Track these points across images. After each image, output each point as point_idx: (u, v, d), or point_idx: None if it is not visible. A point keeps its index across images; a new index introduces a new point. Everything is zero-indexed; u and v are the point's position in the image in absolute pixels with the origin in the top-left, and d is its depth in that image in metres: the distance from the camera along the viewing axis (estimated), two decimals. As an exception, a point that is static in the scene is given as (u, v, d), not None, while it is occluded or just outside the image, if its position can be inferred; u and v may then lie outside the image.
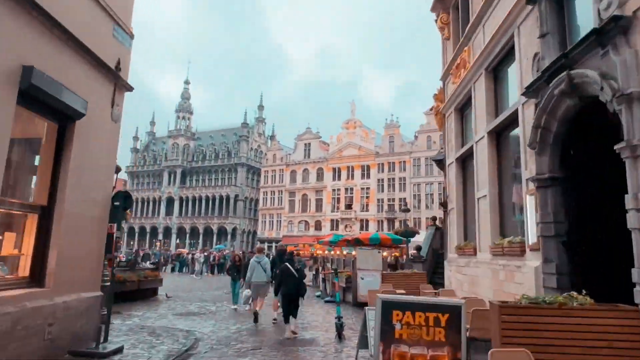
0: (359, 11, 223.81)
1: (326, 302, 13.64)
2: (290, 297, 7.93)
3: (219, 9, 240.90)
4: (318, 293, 16.02)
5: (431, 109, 11.25)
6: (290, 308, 7.90)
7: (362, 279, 11.97)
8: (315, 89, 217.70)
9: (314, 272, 21.23)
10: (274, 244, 57.70)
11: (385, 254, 12.37)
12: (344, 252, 15.05)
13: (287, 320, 7.91)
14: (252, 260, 10.21)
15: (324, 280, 16.38)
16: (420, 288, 9.44)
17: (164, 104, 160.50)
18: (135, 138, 79.29)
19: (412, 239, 19.67)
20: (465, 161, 8.91)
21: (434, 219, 17.08)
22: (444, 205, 9.73)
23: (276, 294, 8.68)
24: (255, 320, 9.30)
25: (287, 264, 8.41)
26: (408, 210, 22.33)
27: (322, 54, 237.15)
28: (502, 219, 6.82)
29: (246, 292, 10.12)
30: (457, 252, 8.56)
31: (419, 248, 13.89)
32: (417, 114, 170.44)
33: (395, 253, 18.05)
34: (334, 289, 14.12)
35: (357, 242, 13.25)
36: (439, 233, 16.82)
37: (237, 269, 12.27)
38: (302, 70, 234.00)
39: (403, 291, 8.90)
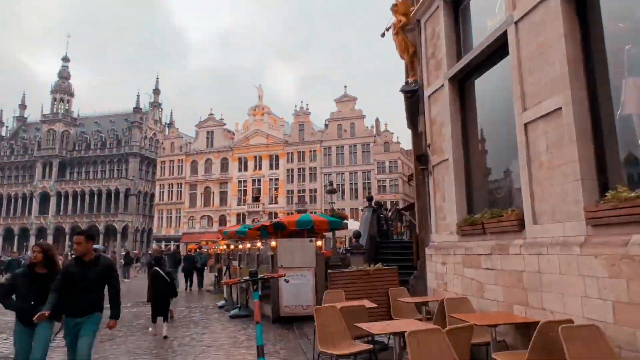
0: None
1: (232, 317, 9.50)
2: (160, 298, 7.99)
3: None
4: (221, 302, 11.74)
5: (384, 34, 7.59)
6: (159, 309, 7.98)
7: (287, 282, 8.05)
8: (217, 77, 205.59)
9: (216, 274, 16.78)
10: (172, 243, 51.29)
11: (320, 243, 8.64)
12: (258, 245, 11.11)
13: (154, 320, 8.03)
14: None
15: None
16: (391, 295, 5.77)
17: (40, 87, 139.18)
18: (0, 123, 66.64)
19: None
20: (467, 81, 5.37)
21: (370, 198, 13.66)
22: (420, 160, 6.14)
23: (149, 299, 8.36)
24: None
25: (156, 267, 8.27)
26: (334, 191, 18.85)
27: (223, 41, 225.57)
28: (599, 152, 3.33)
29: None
30: (460, 231, 4.98)
31: (358, 235, 10.36)
32: (325, 105, 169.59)
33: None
34: (239, 299, 9.98)
35: (277, 228, 9.29)
36: (376, 216, 13.49)
37: (38, 287, 4.41)
38: (203, 56, 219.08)
39: (372, 304, 5.13)
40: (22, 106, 70.15)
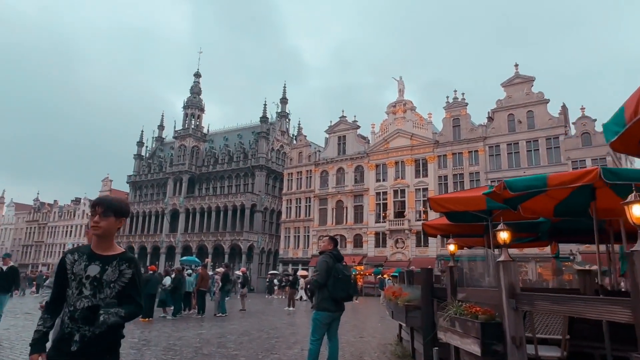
0: (376, 9, 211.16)
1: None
2: None
3: (223, 17, 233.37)
4: None
5: None
6: None
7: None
8: (335, 95, 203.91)
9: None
10: (300, 267, 43.69)
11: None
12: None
13: None
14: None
15: None
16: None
17: (175, 113, 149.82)
18: (140, 143, 68.03)
19: None
20: None
21: None
22: None
23: None
24: None
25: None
26: None
27: (339, 55, 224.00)
28: None
29: None
30: None
31: None
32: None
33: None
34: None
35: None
36: None
37: None
38: (319, 75, 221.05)
39: None
40: (161, 127, 71.36)
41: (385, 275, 29.17)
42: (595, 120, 33.38)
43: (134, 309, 2.31)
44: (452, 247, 4.75)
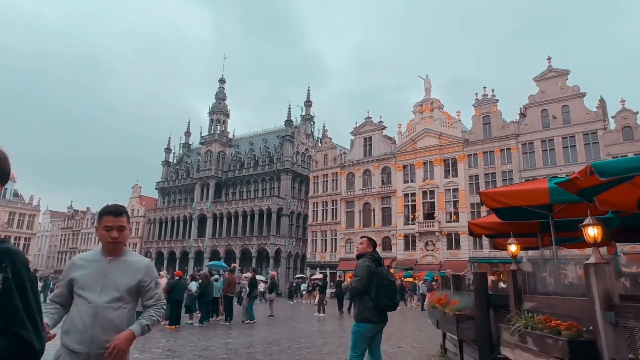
0: (394, 9, 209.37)
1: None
2: None
3: (244, 23, 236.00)
4: None
5: None
6: None
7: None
8: (359, 94, 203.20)
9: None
10: (328, 271, 43.19)
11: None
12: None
13: None
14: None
15: None
16: None
17: (201, 119, 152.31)
18: (167, 150, 68.91)
19: None
20: None
21: None
22: None
23: None
24: None
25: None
26: None
27: (360, 56, 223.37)
28: None
29: None
30: None
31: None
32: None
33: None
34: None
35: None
36: None
37: None
38: (342, 75, 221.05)
39: None
40: (187, 133, 72.08)
41: (416, 279, 28.18)
42: (636, 113, 31.61)
43: (5, 344, 1.21)
44: (513, 248, 4.10)
